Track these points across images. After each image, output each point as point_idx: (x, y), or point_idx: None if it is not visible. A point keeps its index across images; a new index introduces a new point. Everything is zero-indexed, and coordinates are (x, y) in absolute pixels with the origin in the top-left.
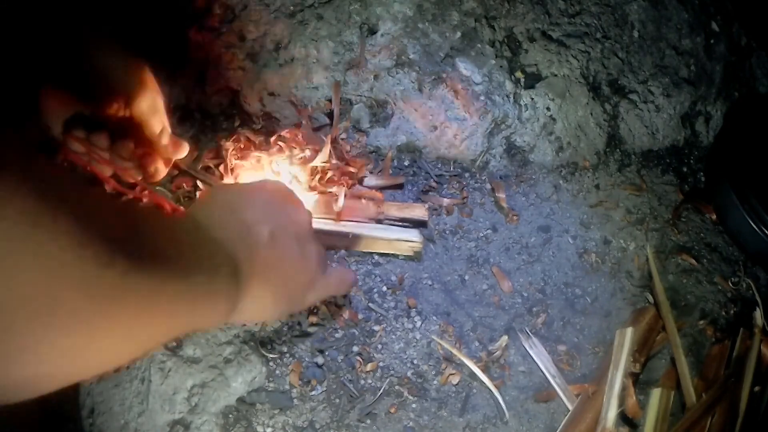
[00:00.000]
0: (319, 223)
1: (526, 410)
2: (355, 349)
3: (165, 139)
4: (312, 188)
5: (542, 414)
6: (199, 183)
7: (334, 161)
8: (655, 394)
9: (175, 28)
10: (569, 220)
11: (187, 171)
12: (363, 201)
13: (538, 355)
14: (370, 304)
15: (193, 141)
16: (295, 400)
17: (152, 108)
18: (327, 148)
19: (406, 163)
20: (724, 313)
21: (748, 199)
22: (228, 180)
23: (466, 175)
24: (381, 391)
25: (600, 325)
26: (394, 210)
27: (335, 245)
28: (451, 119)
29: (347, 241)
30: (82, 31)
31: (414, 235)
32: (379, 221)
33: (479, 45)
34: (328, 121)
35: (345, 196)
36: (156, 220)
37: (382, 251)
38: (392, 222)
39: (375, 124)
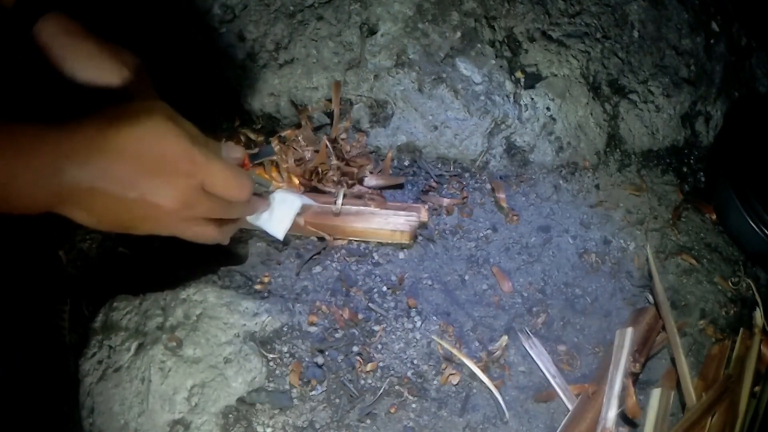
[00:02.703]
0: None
1: (526, 410)
2: (355, 349)
3: None
4: (311, 189)
5: (542, 414)
6: None
7: (333, 161)
8: (655, 394)
9: (174, 29)
10: (569, 220)
11: None
12: (363, 201)
13: (538, 355)
14: (370, 304)
15: None
16: (295, 400)
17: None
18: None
19: (406, 163)
20: (724, 313)
21: (748, 199)
22: None
23: (466, 175)
24: (381, 391)
25: (600, 325)
26: (393, 210)
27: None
28: (451, 119)
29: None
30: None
31: (411, 213)
32: None
33: (479, 45)
34: (328, 121)
35: (344, 196)
36: None
37: (375, 228)
38: None
39: (375, 124)
